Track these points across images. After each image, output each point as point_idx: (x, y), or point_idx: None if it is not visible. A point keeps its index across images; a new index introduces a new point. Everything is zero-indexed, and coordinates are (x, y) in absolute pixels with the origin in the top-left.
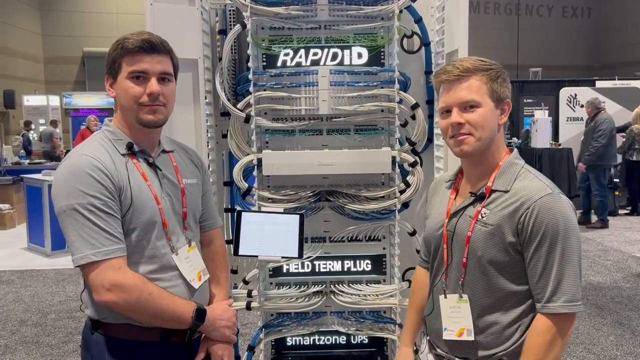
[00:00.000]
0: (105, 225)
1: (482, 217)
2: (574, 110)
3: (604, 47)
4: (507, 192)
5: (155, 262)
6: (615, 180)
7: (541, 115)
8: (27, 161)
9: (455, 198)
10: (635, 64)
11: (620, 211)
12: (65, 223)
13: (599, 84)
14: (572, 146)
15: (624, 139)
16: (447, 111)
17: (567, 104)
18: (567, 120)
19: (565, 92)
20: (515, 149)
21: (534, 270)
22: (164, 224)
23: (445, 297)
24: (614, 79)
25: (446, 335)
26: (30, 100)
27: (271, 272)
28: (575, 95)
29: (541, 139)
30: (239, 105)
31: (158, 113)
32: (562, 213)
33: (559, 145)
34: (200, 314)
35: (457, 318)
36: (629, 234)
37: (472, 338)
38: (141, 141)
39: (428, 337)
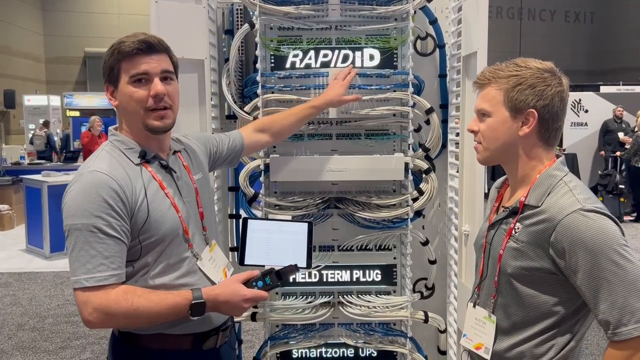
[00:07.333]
0: (103, 249)
1: (515, 232)
2: (578, 116)
3: (606, 52)
4: (538, 207)
5: (181, 269)
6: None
7: None
8: (27, 162)
9: (498, 207)
10: (638, 69)
11: (626, 217)
12: (68, 243)
13: (604, 89)
14: (577, 152)
15: (628, 145)
16: None
17: (571, 109)
18: (571, 126)
19: (569, 97)
20: (561, 157)
21: (588, 297)
22: (185, 231)
23: (474, 307)
24: (619, 84)
25: (464, 342)
26: (31, 100)
27: None
28: (580, 100)
29: None
30: (246, 108)
31: (165, 118)
32: (593, 229)
33: (564, 150)
34: (198, 310)
35: (479, 332)
36: (635, 242)
37: (488, 357)
38: (152, 147)
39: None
